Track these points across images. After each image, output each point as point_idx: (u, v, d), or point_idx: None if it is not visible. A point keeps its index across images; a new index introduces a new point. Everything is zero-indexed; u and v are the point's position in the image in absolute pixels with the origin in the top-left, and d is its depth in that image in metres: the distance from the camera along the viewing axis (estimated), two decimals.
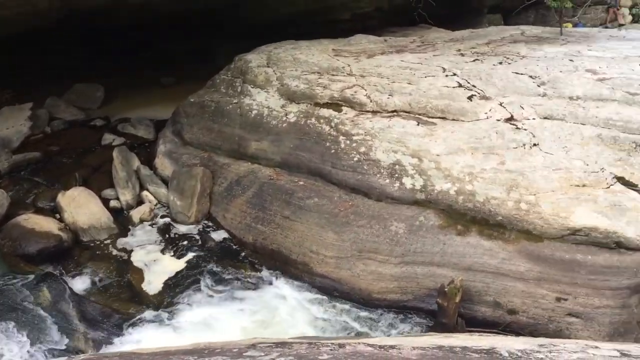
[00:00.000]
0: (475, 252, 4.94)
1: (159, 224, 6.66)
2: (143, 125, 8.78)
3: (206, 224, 6.60)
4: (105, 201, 6.79)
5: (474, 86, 6.29)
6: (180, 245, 6.24)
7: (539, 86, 6.14)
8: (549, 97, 5.98)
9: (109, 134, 8.52)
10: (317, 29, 9.49)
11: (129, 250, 6.16)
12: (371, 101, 6.38)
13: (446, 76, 6.57)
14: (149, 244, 6.28)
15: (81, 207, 6.39)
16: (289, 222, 5.82)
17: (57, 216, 6.42)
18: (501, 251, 4.87)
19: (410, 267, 5.12)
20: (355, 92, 6.56)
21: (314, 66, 7.33)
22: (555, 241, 4.76)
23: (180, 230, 6.52)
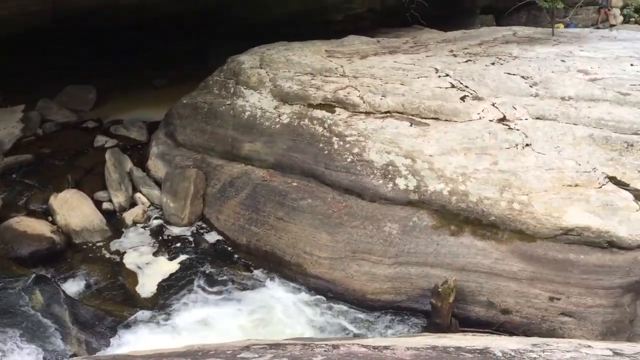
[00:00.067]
0: (468, 252, 4.95)
1: (152, 226, 6.64)
2: (136, 127, 8.76)
3: (200, 225, 6.59)
4: (97, 203, 6.76)
5: (467, 87, 6.31)
6: (173, 247, 6.23)
7: (531, 87, 6.16)
8: (541, 97, 6.00)
9: (101, 136, 8.49)
10: (310, 30, 9.49)
11: (122, 252, 6.14)
12: (364, 102, 6.39)
13: (439, 77, 6.59)
14: (142, 246, 6.26)
15: (73, 210, 6.36)
16: (282, 224, 5.82)
17: (49, 219, 6.39)
18: (494, 251, 4.88)
19: (404, 268, 5.13)
20: (349, 93, 6.56)
21: (306, 67, 7.33)
22: (548, 241, 4.78)
23: (173, 232, 6.50)
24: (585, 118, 5.58)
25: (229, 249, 6.16)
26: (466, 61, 7.08)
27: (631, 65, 6.50)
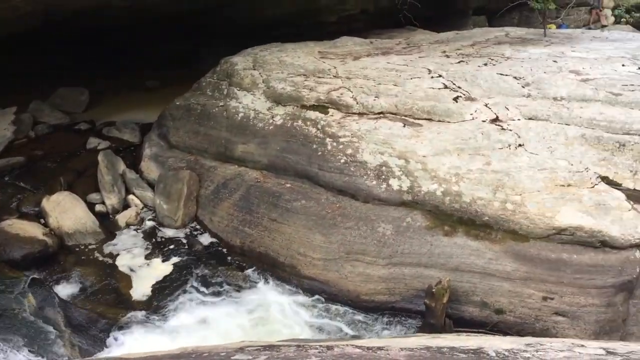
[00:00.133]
0: (462, 252, 4.96)
1: (145, 228, 6.62)
2: (128, 128, 8.73)
3: (193, 227, 6.57)
4: (90, 205, 6.73)
5: (460, 87, 6.33)
6: (167, 249, 6.21)
7: (523, 87, 6.18)
8: (533, 97, 6.02)
9: (94, 137, 8.45)
10: (303, 31, 9.50)
11: (115, 254, 6.12)
12: (357, 103, 6.39)
13: (432, 78, 6.60)
14: (136, 248, 6.24)
15: (66, 212, 6.33)
16: (276, 225, 5.81)
17: (41, 221, 6.35)
18: (488, 251, 4.89)
19: (398, 269, 5.14)
20: (342, 94, 6.56)
21: (300, 68, 7.33)
22: (541, 241, 4.79)
23: (166, 234, 6.48)
24: (577, 118, 5.61)
25: (223, 250, 6.15)
26: (459, 62, 7.10)
27: (622, 65, 6.53)
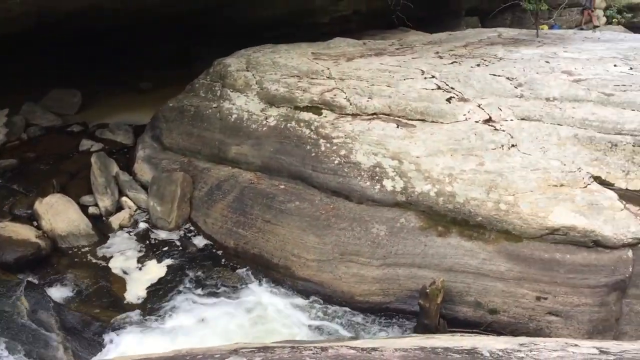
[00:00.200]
0: (456, 253, 4.97)
1: (139, 230, 6.60)
2: (122, 130, 8.70)
3: (187, 229, 6.56)
4: (83, 208, 6.70)
5: (453, 88, 6.34)
6: (160, 251, 6.19)
7: (516, 88, 6.20)
8: (526, 98, 6.04)
9: (87, 139, 8.42)
10: (295, 32, 9.49)
11: (108, 257, 6.10)
12: (351, 104, 6.40)
13: (425, 78, 6.61)
14: (129, 250, 6.21)
15: (59, 214, 6.30)
16: (270, 226, 5.81)
17: (34, 224, 6.33)
18: (481, 252, 4.90)
19: (392, 269, 5.14)
20: (335, 95, 6.57)
21: (293, 70, 7.33)
22: (535, 241, 4.81)
23: (160, 236, 6.47)
24: (569, 118, 5.63)
25: (217, 252, 6.14)
26: (452, 63, 7.12)
27: (614, 65, 6.56)
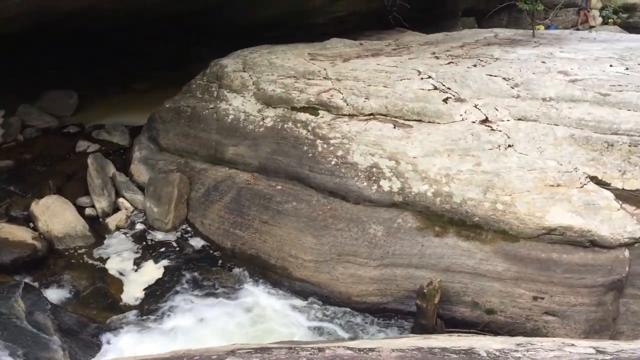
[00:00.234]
0: (453, 253, 4.98)
1: (135, 231, 6.58)
2: (118, 131, 8.69)
3: (184, 230, 6.55)
4: (80, 209, 6.69)
5: (449, 89, 6.35)
6: (157, 252, 6.18)
7: (512, 88, 6.21)
8: (522, 98, 6.05)
9: (83, 141, 8.40)
10: (292, 32, 9.48)
11: (105, 258, 6.08)
12: (348, 105, 6.40)
13: (421, 79, 6.61)
14: (126, 251, 6.20)
15: (56, 216, 6.28)
16: (267, 227, 5.81)
17: (31, 225, 6.30)
18: (478, 252, 4.91)
19: (389, 270, 5.14)
20: (332, 95, 6.57)
21: (290, 70, 7.32)
22: (531, 241, 4.82)
23: (157, 237, 6.45)
24: (566, 119, 5.64)
25: (214, 253, 6.13)
26: (448, 63, 7.12)
27: (610, 66, 6.58)
